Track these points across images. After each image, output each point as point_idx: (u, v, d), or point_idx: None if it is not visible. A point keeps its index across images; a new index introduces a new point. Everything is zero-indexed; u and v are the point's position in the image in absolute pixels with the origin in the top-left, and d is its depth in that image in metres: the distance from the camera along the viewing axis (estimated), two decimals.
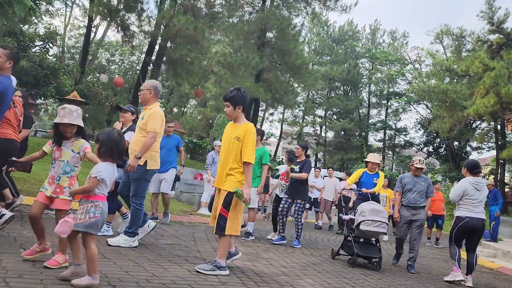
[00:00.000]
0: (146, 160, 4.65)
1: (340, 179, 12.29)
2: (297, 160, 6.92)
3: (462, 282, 5.43)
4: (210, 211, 9.45)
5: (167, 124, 6.10)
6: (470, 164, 5.76)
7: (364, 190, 6.70)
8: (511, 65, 19.66)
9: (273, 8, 22.21)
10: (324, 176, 12.81)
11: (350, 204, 8.24)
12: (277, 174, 14.04)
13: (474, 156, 34.21)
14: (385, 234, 5.99)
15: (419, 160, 6.38)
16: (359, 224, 5.70)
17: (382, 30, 41.77)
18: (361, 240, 5.87)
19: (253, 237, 6.78)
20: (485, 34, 24.00)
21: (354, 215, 6.04)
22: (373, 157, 7.00)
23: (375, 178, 6.82)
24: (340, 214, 8.11)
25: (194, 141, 21.43)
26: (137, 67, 34.24)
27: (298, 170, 6.71)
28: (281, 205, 6.81)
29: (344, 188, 9.84)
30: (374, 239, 5.89)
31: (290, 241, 6.86)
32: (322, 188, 11.13)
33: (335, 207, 11.43)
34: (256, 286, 3.80)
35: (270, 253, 5.70)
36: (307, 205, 10.66)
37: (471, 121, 28.86)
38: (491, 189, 11.20)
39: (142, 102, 5.01)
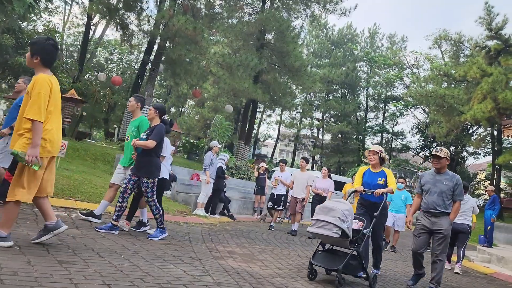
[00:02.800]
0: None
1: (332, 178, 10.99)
2: (150, 125, 5.50)
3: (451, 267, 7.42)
4: (207, 212, 9.44)
5: None
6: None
7: (378, 191, 5.15)
8: (508, 71, 19.76)
9: (273, 10, 22.25)
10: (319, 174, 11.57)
11: None
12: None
13: (470, 161, 34.40)
14: (338, 237, 4.39)
15: (440, 149, 5.12)
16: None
17: (381, 34, 41.94)
18: (327, 246, 4.92)
19: None
20: (483, 40, 24.11)
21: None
22: (373, 147, 5.68)
23: (379, 178, 5.39)
24: None
25: (191, 141, 21.41)
26: (136, 66, 34.21)
27: (145, 137, 5.27)
28: (124, 184, 5.35)
29: (328, 189, 9.51)
30: (341, 247, 4.68)
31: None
32: (290, 184, 9.38)
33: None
34: (250, 287, 3.80)
35: (265, 254, 5.70)
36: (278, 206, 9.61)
37: (468, 126, 28.99)
38: (491, 194, 11.28)
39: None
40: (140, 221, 5.84)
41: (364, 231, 4.75)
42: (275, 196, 9.68)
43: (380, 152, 5.41)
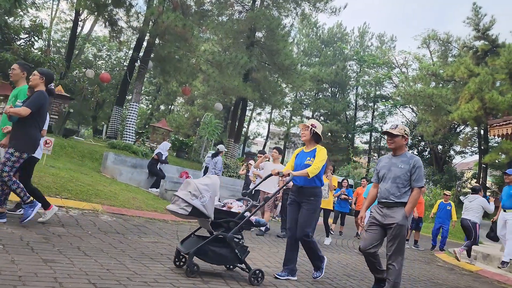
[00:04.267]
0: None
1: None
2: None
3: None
4: None
5: None
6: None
7: (275, 170, 4.53)
8: (495, 71, 20.02)
9: (263, 8, 22.23)
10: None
11: None
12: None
13: (457, 160, 34.82)
14: (187, 214, 3.69)
15: (395, 125, 4.24)
16: None
17: (370, 33, 42.23)
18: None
19: None
20: (471, 40, 24.43)
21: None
22: (308, 121, 4.69)
23: (308, 158, 4.49)
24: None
25: (181, 139, 21.31)
26: (125, 63, 33.88)
27: (20, 104, 4.58)
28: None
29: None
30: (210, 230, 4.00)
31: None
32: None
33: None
34: (239, 286, 3.79)
35: (254, 252, 5.70)
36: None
37: (455, 126, 29.35)
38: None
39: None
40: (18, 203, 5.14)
41: (245, 214, 4.01)
42: (253, 193, 8.38)
43: (312, 127, 4.51)
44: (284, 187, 7.59)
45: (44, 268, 3.16)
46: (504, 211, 7.61)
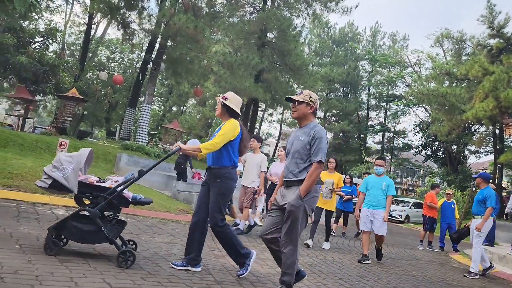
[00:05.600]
0: None
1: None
2: None
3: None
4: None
5: None
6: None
7: (182, 146, 3.95)
8: (510, 69, 19.69)
9: (274, 8, 22.23)
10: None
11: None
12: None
13: (472, 160, 34.36)
14: (46, 187, 3.50)
15: (301, 91, 3.76)
16: None
17: (382, 33, 41.93)
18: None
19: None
20: (485, 38, 24.06)
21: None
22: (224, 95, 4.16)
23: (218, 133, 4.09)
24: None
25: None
26: (137, 65, 34.21)
27: None
28: None
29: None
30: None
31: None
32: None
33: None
34: (252, 286, 3.80)
35: (266, 253, 5.69)
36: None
37: (470, 125, 28.95)
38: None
39: None
40: None
41: (118, 189, 3.71)
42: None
43: (222, 99, 4.02)
44: (270, 184, 7.28)
45: (60, 268, 3.21)
46: (473, 217, 7.10)
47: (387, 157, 38.18)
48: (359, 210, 6.83)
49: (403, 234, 14.42)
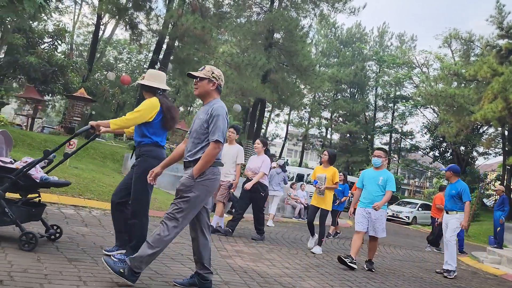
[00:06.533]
0: None
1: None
2: None
3: None
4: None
5: None
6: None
7: (97, 123, 3.80)
8: None
9: (281, 9, 22.22)
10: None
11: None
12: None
13: (480, 161, 34.07)
14: None
15: (203, 67, 3.50)
16: None
17: (390, 33, 41.71)
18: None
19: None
20: (494, 39, 23.88)
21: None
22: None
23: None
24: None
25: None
26: (145, 66, 34.36)
27: None
28: None
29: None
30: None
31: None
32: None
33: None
34: (259, 287, 3.80)
35: (273, 254, 5.70)
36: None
37: (478, 126, 28.70)
38: (501, 195, 11.09)
39: None
40: None
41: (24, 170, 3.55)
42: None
43: (142, 78, 4.05)
44: (258, 181, 6.49)
45: (68, 267, 3.23)
46: (447, 212, 6.70)
47: (394, 159, 38.00)
48: (354, 208, 6.07)
49: (410, 235, 14.33)
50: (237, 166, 6.63)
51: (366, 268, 5.76)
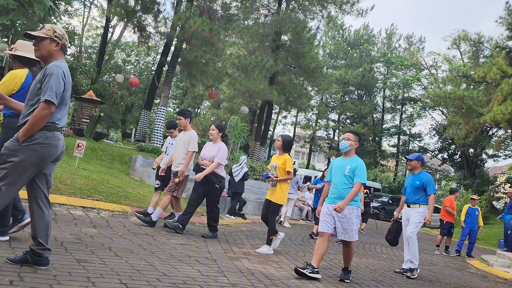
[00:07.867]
0: None
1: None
2: None
3: None
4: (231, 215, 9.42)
5: None
6: None
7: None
8: None
9: (289, 11, 22.21)
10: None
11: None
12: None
13: (490, 164, 33.74)
14: None
15: (41, 27, 3.28)
16: None
17: (398, 35, 41.59)
18: None
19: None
20: (503, 40, 23.66)
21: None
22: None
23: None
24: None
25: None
26: (153, 68, 34.54)
27: None
28: None
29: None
30: None
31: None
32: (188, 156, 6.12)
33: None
34: None
35: (280, 256, 5.69)
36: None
37: (488, 128, 28.44)
38: (511, 197, 10.98)
39: None
40: None
41: None
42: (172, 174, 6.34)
43: (9, 50, 3.79)
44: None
45: (77, 268, 3.26)
46: (408, 206, 6.13)
47: (402, 161, 37.73)
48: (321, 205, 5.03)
49: (419, 238, 14.17)
50: (189, 153, 6.01)
51: (339, 278, 4.76)
